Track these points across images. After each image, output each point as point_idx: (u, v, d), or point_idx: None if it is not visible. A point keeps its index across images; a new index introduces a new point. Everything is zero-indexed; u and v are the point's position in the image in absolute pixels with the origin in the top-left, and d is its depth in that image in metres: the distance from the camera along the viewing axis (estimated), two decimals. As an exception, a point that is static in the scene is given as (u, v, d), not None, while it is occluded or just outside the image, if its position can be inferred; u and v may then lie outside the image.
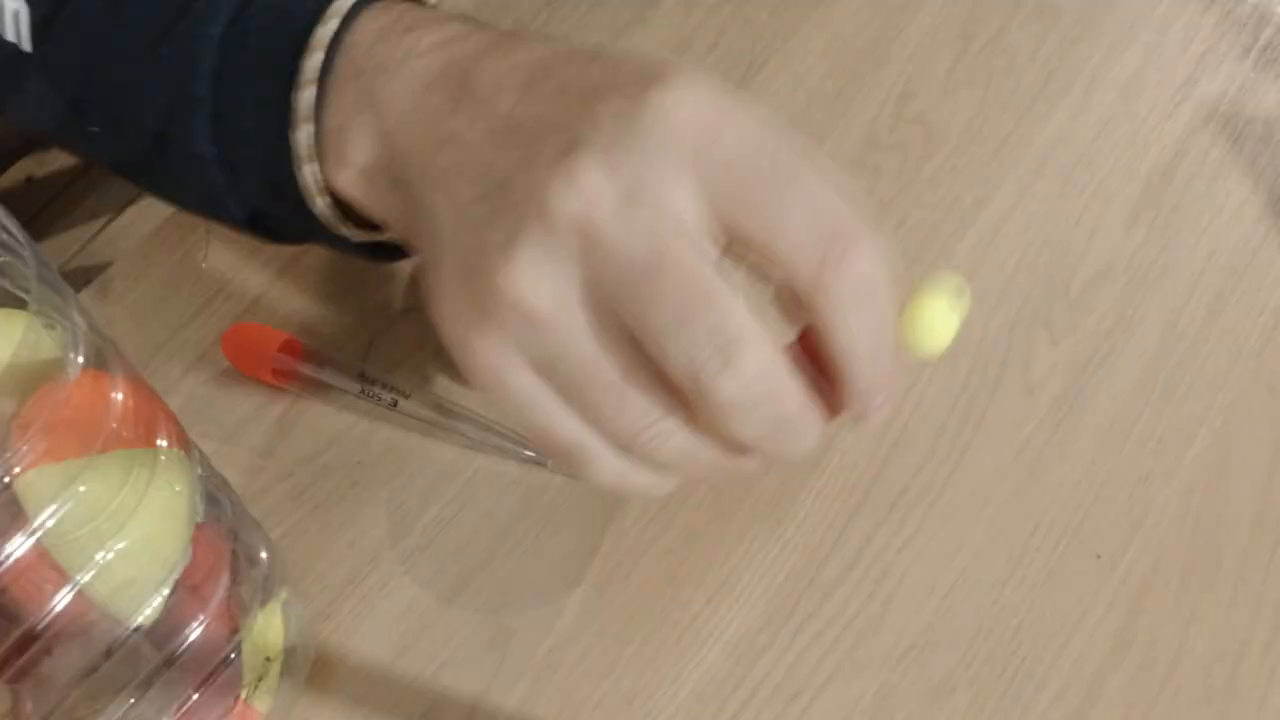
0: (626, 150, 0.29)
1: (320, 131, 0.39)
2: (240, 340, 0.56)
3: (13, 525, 0.33)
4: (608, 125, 0.30)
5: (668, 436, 0.31)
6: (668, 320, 0.28)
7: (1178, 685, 0.49)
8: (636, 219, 0.29)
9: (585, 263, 0.30)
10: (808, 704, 0.48)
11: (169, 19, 0.42)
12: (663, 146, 0.29)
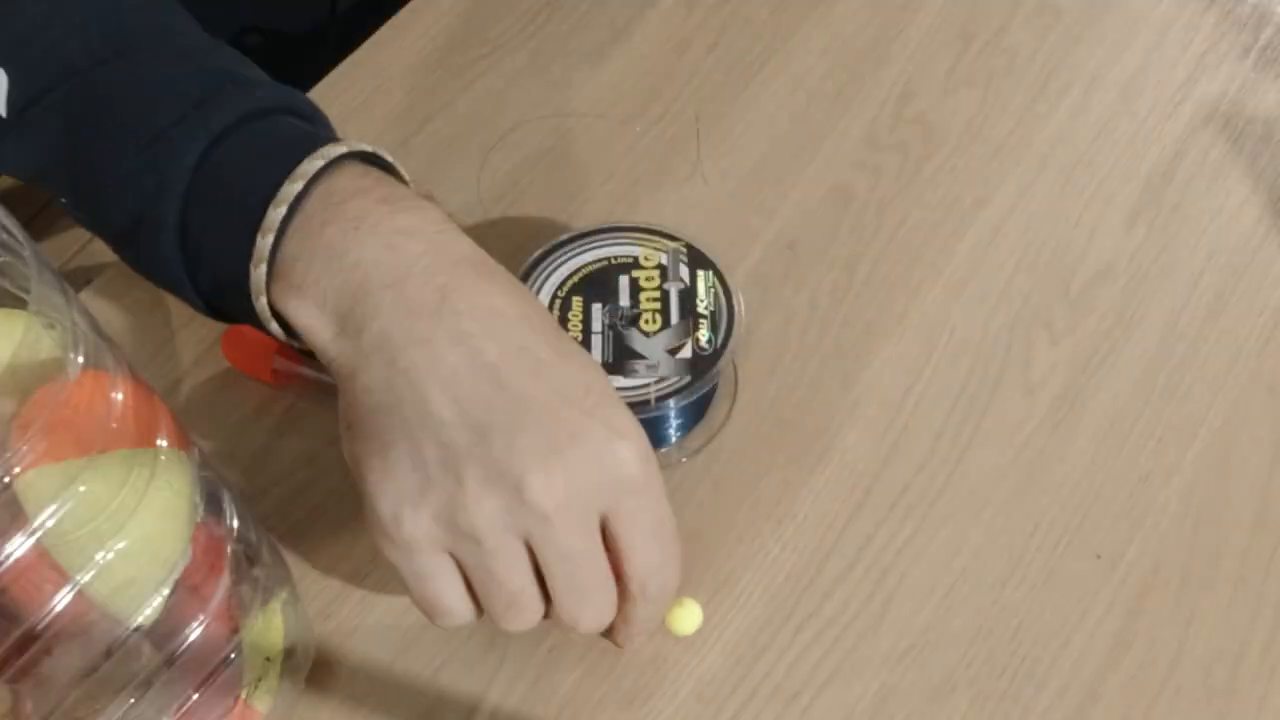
0: (592, 480, 0.40)
1: (277, 260, 0.44)
2: (240, 340, 0.56)
3: (13, 525, 0.33)
4: (585, 453, 0.40)
5: (524, 622, 0.43)
6: (575, 588, 0.42)
7: (1178, 685, 0.49)
8: (582, 526, 0.41)
9: (533, 530, 0.40)
10: (808, 704, 0.48)
11: (147, 139, 0.46)
12: (613, 484, 0.41)
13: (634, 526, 0.42)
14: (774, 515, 0.53)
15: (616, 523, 0.42)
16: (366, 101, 0.65)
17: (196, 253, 0.46)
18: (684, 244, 0.54)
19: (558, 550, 0.41)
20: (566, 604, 0.43)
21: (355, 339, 0.42)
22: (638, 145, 0.64)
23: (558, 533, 0.40)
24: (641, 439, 0.42)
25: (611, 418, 0.42)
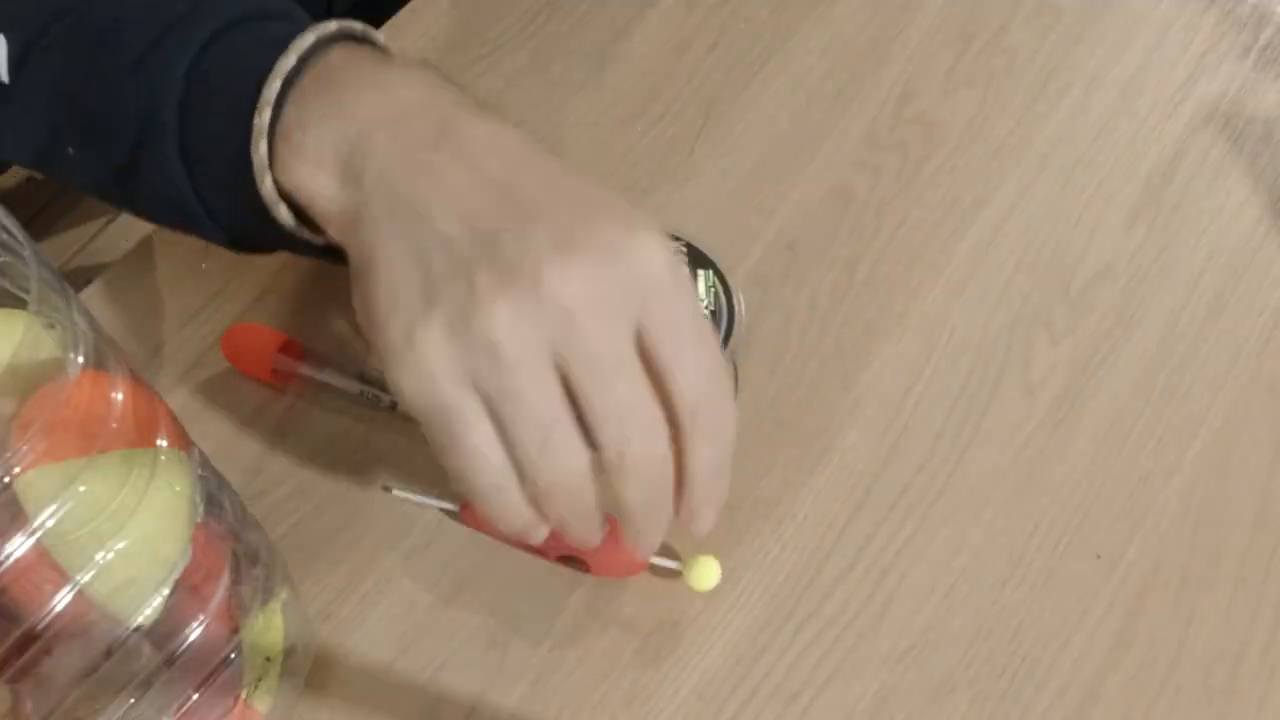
0: (612, 272, 0.37)
1: (278, 130, 0.43)
2: (240, 340, 0.56)
3: (13, 525, 0.33)
4: (602, 241, 0.37)
5: (564, 470, 0.38)
6: (614, 407, 0.37)
7: (1178, 685, 0.49)
8: (611, 328, 0.37)
9: (556, 335, 0.36)
10: (808, 704, 0.48)
11: (139, 53, 0.46)
12: (639, 281, 0.37)
13: (671, 335, 0.37)
14: (774, 515, 0.53)
15: (650, 333, 0.37)
16: (366, 101, 0.65)
17: (201, 156, 0.45)
18: (684, 244, 0.54)
19: (587, 357, 0.36)
20: (607, 430, 0.37)
21: (356, 185, 0.41)
22: (638, 145, 0.64)
23: (584, 334, 0.36)
24: (664, 238, 0.39)
25: (630, 214, 0.39)
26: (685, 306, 0.38)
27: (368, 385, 0.54)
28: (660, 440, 0.38)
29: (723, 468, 0.40)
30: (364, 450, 0.54)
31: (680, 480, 0.39)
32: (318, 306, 0.58)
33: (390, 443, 0.54)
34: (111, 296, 0.58)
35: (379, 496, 0.53)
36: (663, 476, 0.39)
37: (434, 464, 0.54)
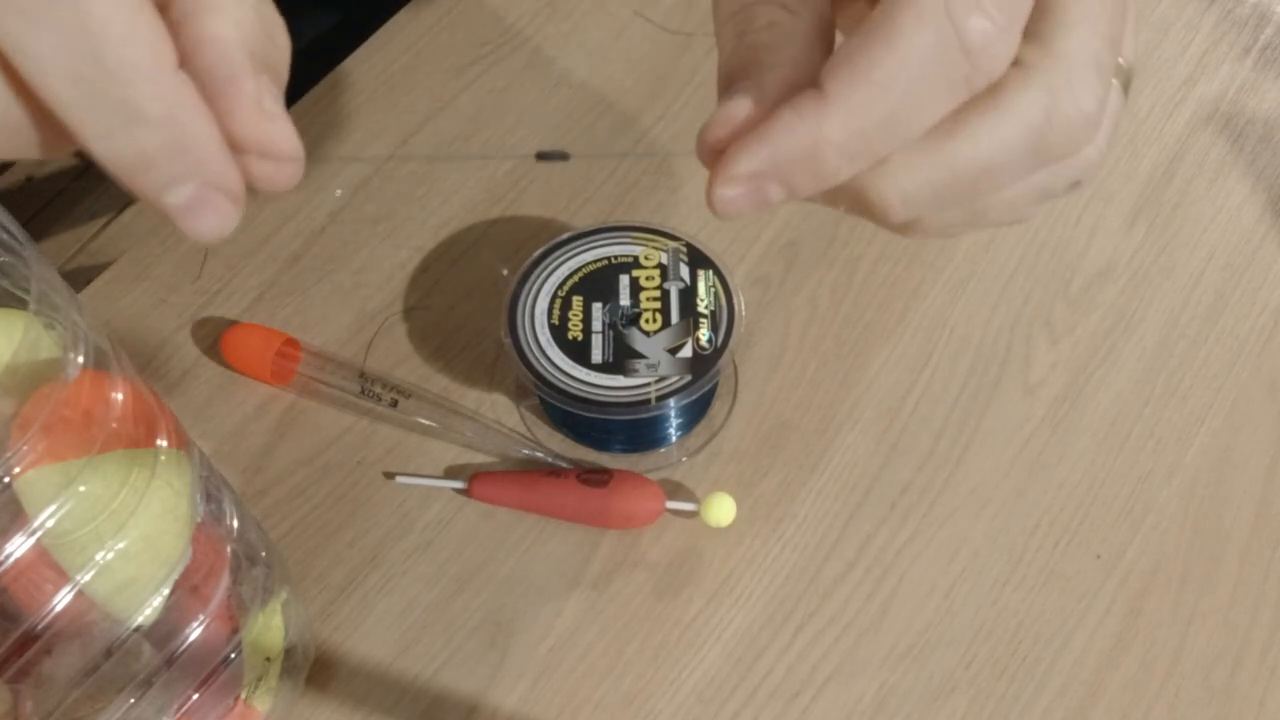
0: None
1: None
2: (240, 340, 0.56)
3: (13, 525, 0.33)
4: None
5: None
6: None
7: (1178, 685, 0.49)
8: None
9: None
10: (808, 704, 0.48)
11: None
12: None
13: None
14: (774, 515, 0.53)
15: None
16: (367, 101, 0.65)
17: None
18: (684, 244, 0.54)
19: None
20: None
21: None
22: (638, 145, 0.64)
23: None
24: None
25: None
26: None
27: (368, 385, 0.54)
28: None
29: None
30: (364, 450, 0.54)
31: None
32: (318, 306, 0.58)
33: (390, 441, 0.54)
34: (111, 296, 0.59)
35: (379, 496, 0.53)
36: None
37: (433, 464, 0.54)
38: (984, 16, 0.24)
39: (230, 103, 0.25)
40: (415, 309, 0.58)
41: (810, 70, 0.26)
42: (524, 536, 0.52)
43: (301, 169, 0.27)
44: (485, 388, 0.56)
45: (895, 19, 0.24)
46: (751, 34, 0.27)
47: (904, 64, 0.24)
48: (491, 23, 0.69)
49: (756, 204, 0.27)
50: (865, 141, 0.25)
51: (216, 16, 0.25)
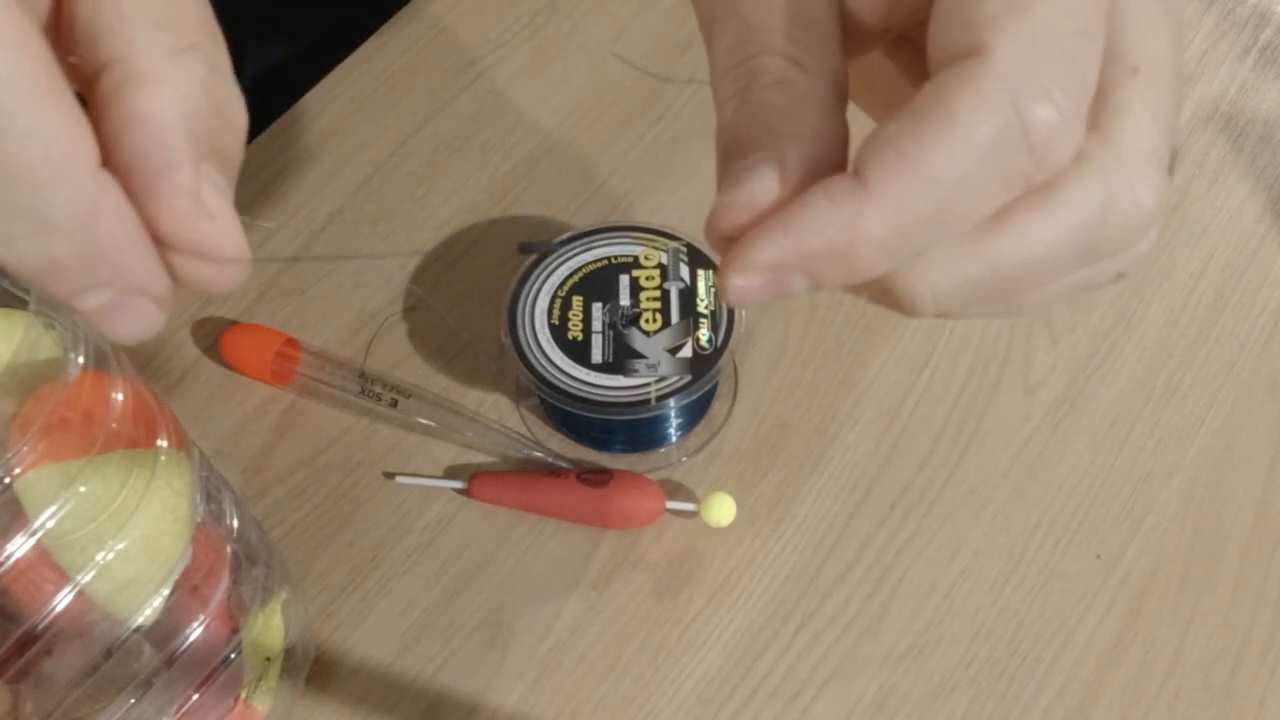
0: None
1: None
2: (240, 340, 0.56)
3: (13, 525, 0.33)
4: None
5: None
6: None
7: (1178, 685, 0.49)
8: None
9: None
10: (808, 704, 0.48)
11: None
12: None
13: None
14: (774, 515, 0.53)
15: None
16: (367, 101, 0.65)
17: None
18: (684, 243, 0.54)
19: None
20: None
21: None
22: (638, 145, 0.64)
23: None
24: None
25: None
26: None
27: (368, 385, 0.54)
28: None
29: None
30: (364, 450, 0.54)
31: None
32: (318, 306, 0.58)
33: (390, 441, 0.54)
34: (111, 296, 0.58)
35: (379, 496, 0.53)
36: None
37: (433, 464, 0.54)
38: (1052, 106, 0.21)
39: (160, 196, 0.22)
40: (415, 309, 0.58)
41: (831, 141, 0.24)
42: (524, 536, 0.52)
43: (246, 272, 0.23)
44: (485, 388, 0.56)
45: (952, 102, 0.21)
46: (758, 91, 0.24)
47: (960, 155, 0.21)
48: (491, 23, 0.69)
49: (776, 295, 0.23)
50: (907, 238, 0.22)
51: (152, 90, 0.21)
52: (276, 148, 0.63)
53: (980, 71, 0.21)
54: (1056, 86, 0.21)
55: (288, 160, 0.63)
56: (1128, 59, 0.23)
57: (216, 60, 0.23)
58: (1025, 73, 0.21)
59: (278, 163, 0.63)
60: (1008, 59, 0.21)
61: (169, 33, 0.22)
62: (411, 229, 0.61)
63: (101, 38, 0.21)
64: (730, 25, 0.25)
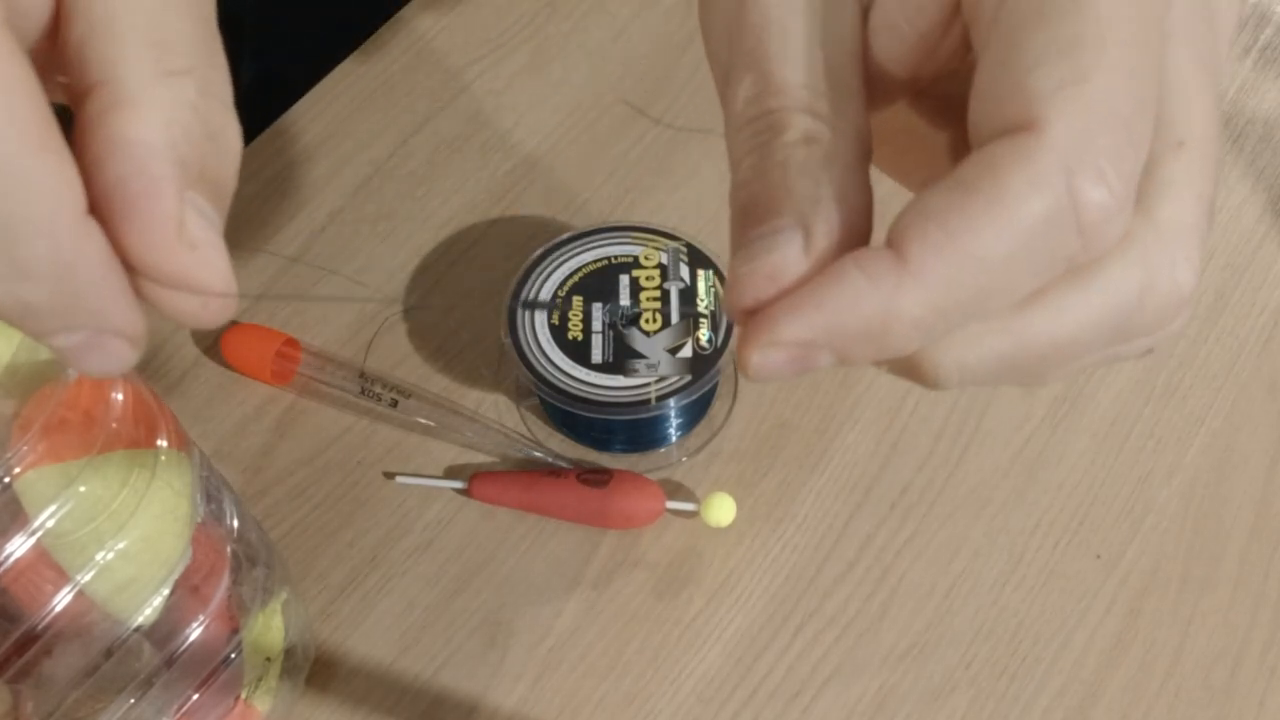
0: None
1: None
2: (240, 340, 0.56)
3: (13, 525, 0.33)
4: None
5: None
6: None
7: (1178, 685, 0.49)
8: None
9: None
10: (808, 704, 0.48)
11: None
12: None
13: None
14: (774, 515, 0.53)
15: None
16: (367, 101, 0.65)
17: None
18: (684, 243, 0.54)
19: None
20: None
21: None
22: (638, 145, 0.64)
23: None
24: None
25: None
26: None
27: (368, 385, 0.54)
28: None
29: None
30: (364, 450, 0.54)
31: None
32: (318, 306, 0.58)
33: (390, 441, 0.54)
34: (111, 296, 0.58)
35: (379, 496, 0.53)
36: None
37: (433, 464, 0.54)
38: (1105, 188, 0.20)
39: (140, 225, 0.21)
40: (415, 309, 0.58)
41: (857, 206, 0.23)
42: (524, 536, 0.52)
43: (232, 306, 0.23)
44: (485, 388, 0.56)
45: (1003, 179, 0.20)
46: (779, 149, 0.23)
47: (1008, 236, 0.20)
48: (491, 23, 0.69)
49: (799, 371, 0.22)
50: (944, 318, 0.21)
51: (138, 114, 0.21)
52: (276, 148, 0.63)
53: (1034, 149, 0.20)
54: (1111, 167, 0.20)
55: (288, 160, 0.63)
56: (1174, 132, 0.22)
57: (212, 84, 0.22)
58: (1080, 152, 0.20)
59: (278, 163, 0.63)
60: (1064, 137, 0.19)
61: (162, 54, 0.21)
62: (411, 229, 0.61)
63: (92, 58, 0.21)
64: (749, 75, 0.24)
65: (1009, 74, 0.20)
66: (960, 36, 0.23)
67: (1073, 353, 0.23)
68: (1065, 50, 0.20)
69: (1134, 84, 0.20)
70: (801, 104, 0.23)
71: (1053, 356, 0.23)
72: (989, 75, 0.21)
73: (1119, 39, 0.20)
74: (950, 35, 0.23)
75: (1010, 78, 0.20)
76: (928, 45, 0.24)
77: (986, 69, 0.21)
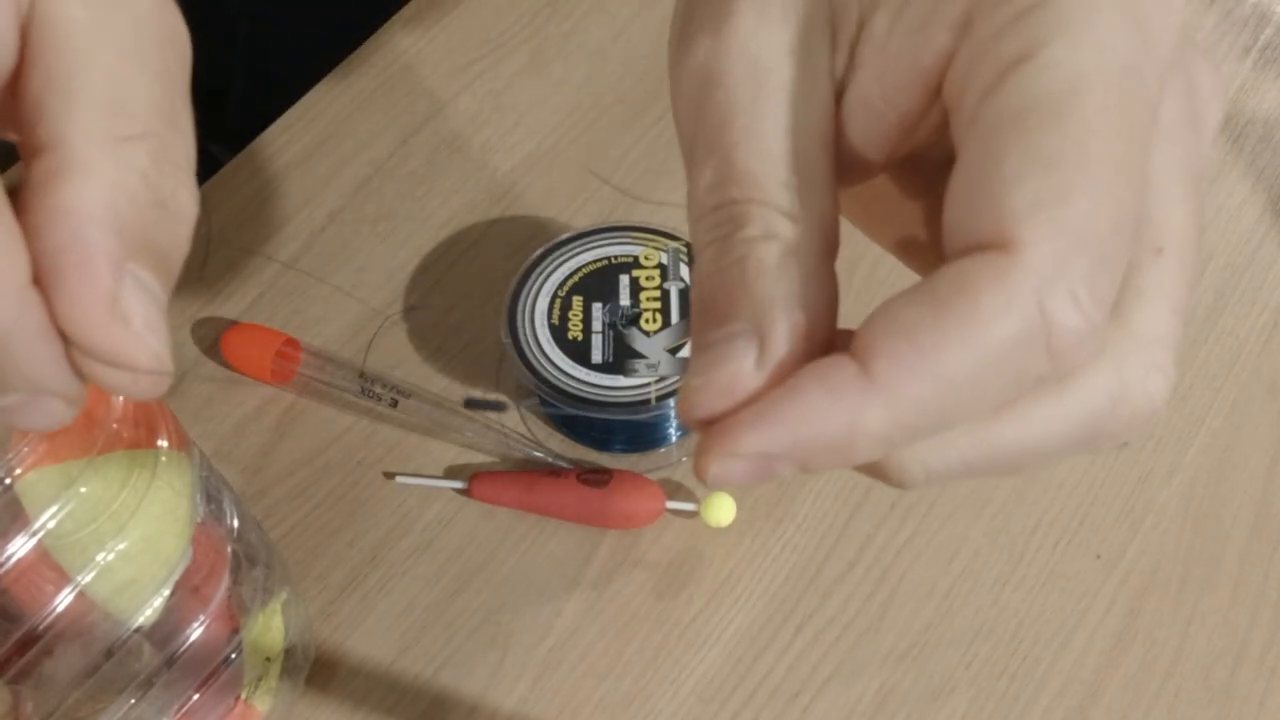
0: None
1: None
2: (240, 340, 0.56)
3: (13, 526, 0.33)
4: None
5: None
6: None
7: (1178, 685, 0.49)
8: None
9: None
10: (808, 704, 0.48)
11: None
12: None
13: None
14: (774, 515, 0.53)
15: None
16: (367, 101, 0.65)
17: None
18: (684, 243, 0.54)
19: None
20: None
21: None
22: (638, 145, 0.64)
23: None
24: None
25: None
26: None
27: (368, 385, 0.54)
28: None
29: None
30: (364, 450, 0.54)
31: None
32: (318, 306, 0.58)
33: (390, 443, 0.54)
34: (111, 296, 0.58)
35: (379, 496, 0.53)
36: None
37: (433, 464, 0.54)
38: (1080, 314, 0.19)
39: (74, 299, 0.20)
40: (415, 309, 0.58)
41: (818, 309, 0.22)
42: (524, 536, 0.52)
43: (167, 382, 0.22)
44: (485, 388, 0.56)
45: (975, 298, 0.19)
46: (739, 244, 0.22)
47: (977, 356, 0.19)
48: (491, 23, 0.69)
49: (760, 479, 0.22)
50: (909, 432, 0.21)
51: (79, 182, 0.20)
52: (276, 148, 0.63)
53: (1009, 270, 0.19)
54: (1086, 291, 0.19)
55: (287, 160, 0.63)
56: (1154, 237, 0.22)
57: (168, 149, 0.22)
58: (1056, 276, 0.19)
59: (277, 163, 0.63)
60: (1040, 260, 0.19)
61: (116, 119, 0.21)
62: (411, 229, 0.61)
63: (44, 117, 0.20)
64: (712, 160, 0.23)
65: (987, 185, 0.20)
66: (940, 116, 0.22)
67: (1042, 457, 0.22)
68: (1045, 166, 0.19)
69: (1115, 206, 0.20)
70: (764, 196, 0.22)
71: (1022, 460, 0.22)
72: (966, 181, 0.20)
73: (1102, 155, 0.19)
74: (930, 116, 0.22)
75: (988, 190, 0.20)
76: (906, 126, 0.23)
77: (964, 172, 0.20)
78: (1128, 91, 0.20)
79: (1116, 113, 0.20)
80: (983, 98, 0.20)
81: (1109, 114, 0.20)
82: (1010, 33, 0.20)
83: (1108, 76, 0.20)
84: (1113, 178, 0.19)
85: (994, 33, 0.20)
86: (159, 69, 0.22)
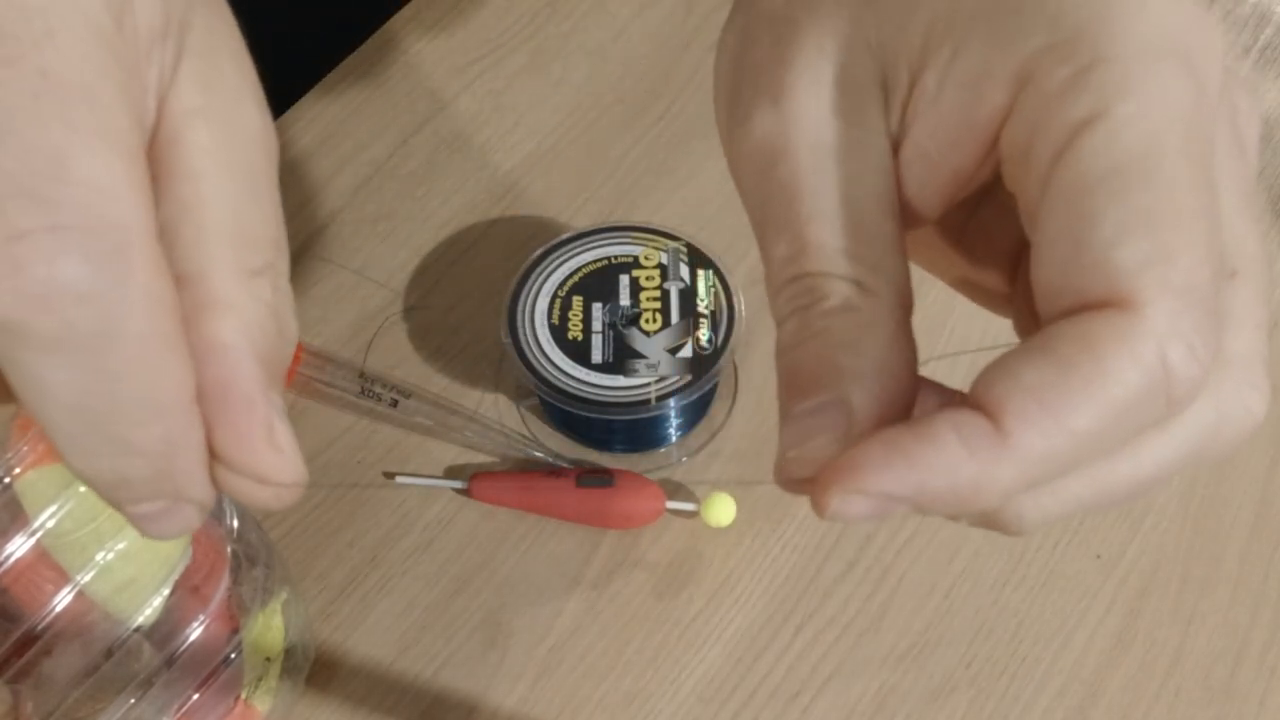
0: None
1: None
2: (240, 340, 0.56)
3: (13, 525, 0.33)
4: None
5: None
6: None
7: (1178, 685, 0.49)
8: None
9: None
10: (808, 704, 0.48)
11: None
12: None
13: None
14: (774, 515, 0.53)
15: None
16: (367, 101, 0.65)
17: None
18: (684, 243, 0.54)
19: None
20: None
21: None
22: (638, 145, 0.64)
23: None
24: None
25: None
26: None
27: (368, 385, 0.54)
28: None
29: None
30: (364, 450, 0.54)
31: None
32: (318, 306, 0.58)
33: (390, 441, 0.54)
34: (111, 296, 0.58)
35: (379, 496, 0.53)
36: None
37: (433, 464, 0.54)
38: (1195, 362, 0.20)
39: (238, 429, 0.22)
40: (415, 309, 0.58)
41: (899, 376, 0.23)
42: (524, 536, 0.52)
43: (300, 493, 0.24)
44: (485, 388, 0.56)
45: (1103, 359, 0.20)
46: (819, 319, 0.23)
47: (1105, 412, 0.20)
48: (491, 23, 0.69)
49: (875, 517, 0.22)
50: (1034, 483, 0.21)
51: (228, 319, 0.22)
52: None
53: (1131, 329, 0.20)
54: (1199, 339, 0.20)
55: (287, 160, 0.63)
56: (1228, 263, 0.23)
57: (282, 277, 0.23)
58: (1173, 331, 0.20)
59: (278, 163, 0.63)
60: (1161, 317, 0.20)
61: (244, 252, 0.22)
62: (411, 229, 0.61)
63: (179, 247, 0.22)
64: (785, 235, 0.25)
65: (1089, 247, 0.20)
66: (993, 169, 0.23)
67: (1151, 485, 0.23)
68: (1145, 226, 0.20)
69: (1209, 255, 0.20)
70: (838, 269, 0.23)
71: (1133, 493, 0.23)
72: (1060, 243, 0.21)
73: (1192, 210, 0.20)
74: (985, 166, 0.23)
75: (1091, 252, 0.20)
76: (961, 177, 0.24)
77: (1055, 234, 0.21)
78: (1195, 139, 0.21)
79: (1192, 164, 0.21)
80: (1056, 158, 0.21)
81: (1187, 167, 0.20)
82: (1074, 91, 0.21)
83: (1179, 130, 0.21)
84: (1204, 229, 0.21)
85: (1057, 91, 0.21)
86: (268, 192, 0.23)
